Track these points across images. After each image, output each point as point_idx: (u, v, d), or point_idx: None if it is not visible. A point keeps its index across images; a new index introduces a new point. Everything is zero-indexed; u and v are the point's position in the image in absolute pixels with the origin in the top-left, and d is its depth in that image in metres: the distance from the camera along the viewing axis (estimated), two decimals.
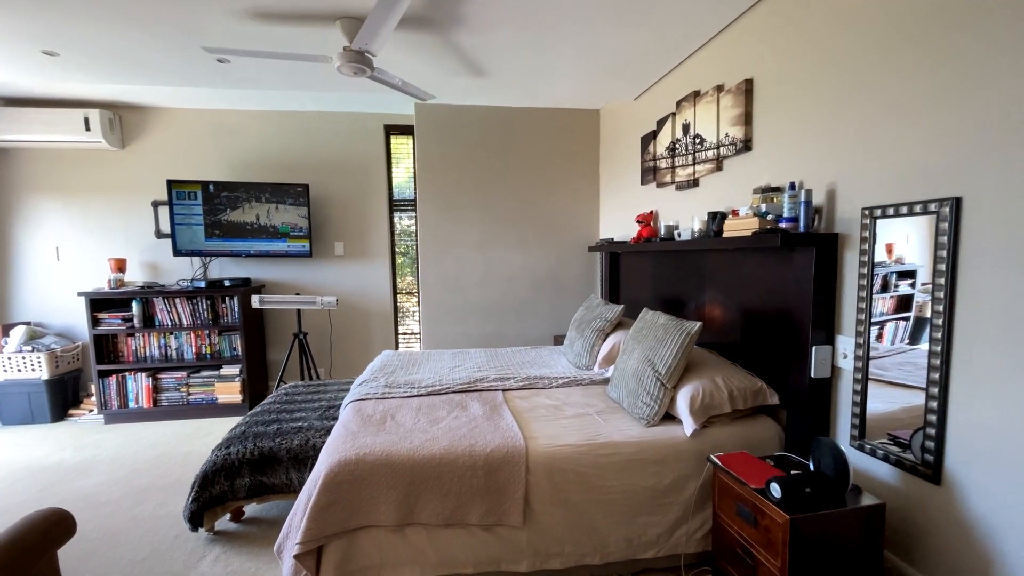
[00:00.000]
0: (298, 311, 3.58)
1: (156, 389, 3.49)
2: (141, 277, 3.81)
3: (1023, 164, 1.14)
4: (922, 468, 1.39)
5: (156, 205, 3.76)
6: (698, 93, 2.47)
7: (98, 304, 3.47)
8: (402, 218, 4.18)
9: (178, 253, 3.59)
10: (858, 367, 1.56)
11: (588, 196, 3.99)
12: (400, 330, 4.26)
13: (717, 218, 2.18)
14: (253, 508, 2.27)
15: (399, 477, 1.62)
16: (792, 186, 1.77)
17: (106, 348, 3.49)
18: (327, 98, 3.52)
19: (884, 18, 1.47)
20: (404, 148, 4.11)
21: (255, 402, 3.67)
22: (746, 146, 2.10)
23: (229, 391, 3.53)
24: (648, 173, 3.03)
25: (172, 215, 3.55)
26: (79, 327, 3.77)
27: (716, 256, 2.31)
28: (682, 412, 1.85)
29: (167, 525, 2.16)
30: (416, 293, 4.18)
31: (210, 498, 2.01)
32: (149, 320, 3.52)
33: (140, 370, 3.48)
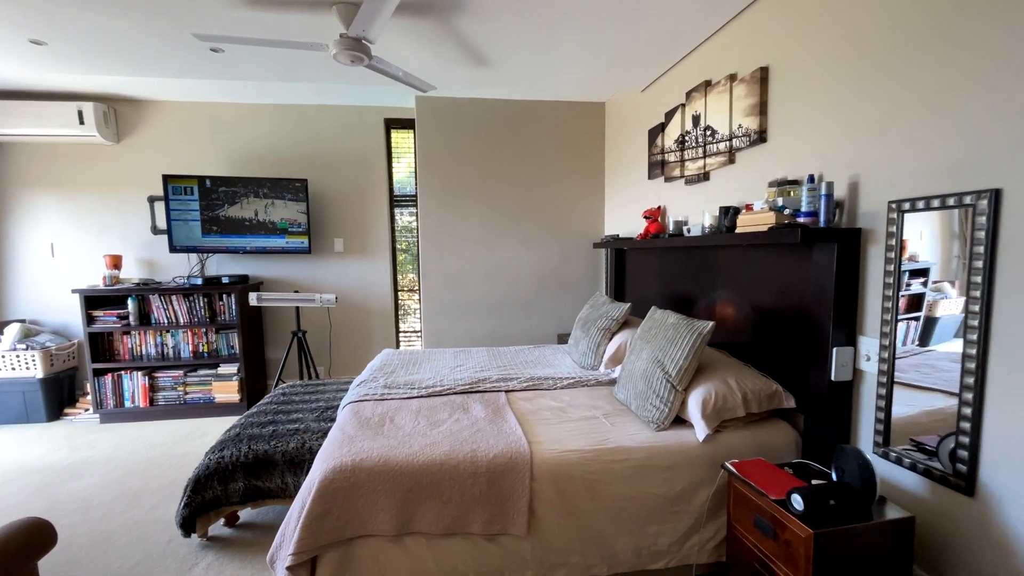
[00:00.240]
0: (297, 309, 3.51)
1: (152, 388, 3.43)
2: (137, 274, 3.74)
3: None
4: (953, 478, 1.30)
5: (152, 200, 3.69)
6: (709, 83, 2.37)
7: (93, 301, 3.40)
8: (403, 214, 4.10)
9: (174, 249, 3.52)
10: (883, 370, 1.48)
11: (593, 191, 3.89)
12: (401, 328, 4.19)
13: (729, 213, 2.09)
14: (248, 512, 2.20)
15: (397, 484, 1.55)
16: (811, 179, 1.68)
17: (101, 346, 3.43)
18: (325, 90, 3.44)
19: (912, 1, 1.38)
20: (405, 143, 4.02)
21: (253, 401, 3.60)
22: (761, 137, 2.00)
23: (227, 390, 3.46)
24: (656, 167, 2.94)
25: (168, 210, 3.47)
26: (74, 325, 3.70)
27: (728, 252, 2.22)
28: (693, 416, 1.77)
29: (160, 530, 2.10)
30: (418, 290, 4.11)
31: (203, 503, 1.94)
32: (145, 318, 3.45)
33: (136, 369, 3.41)
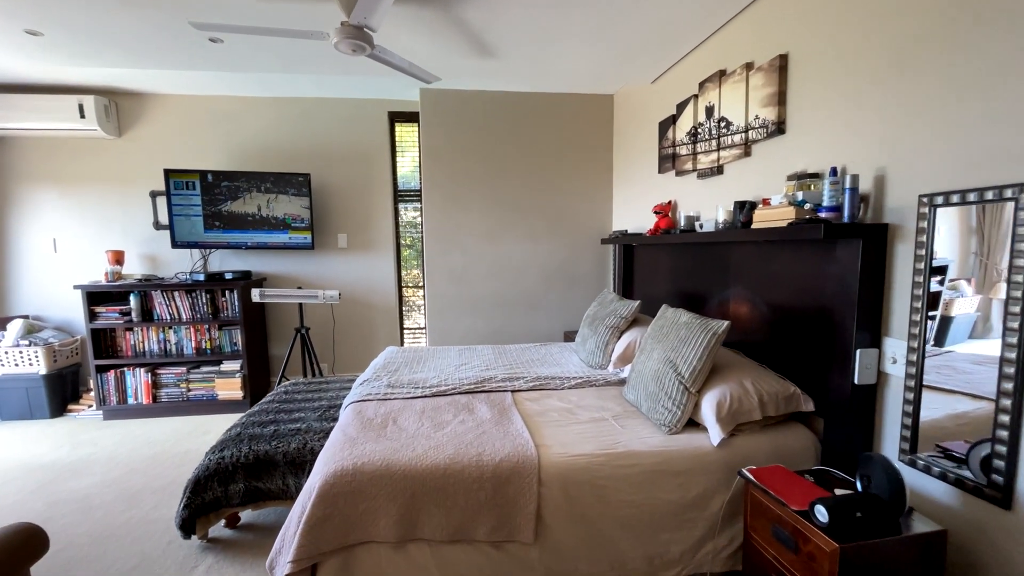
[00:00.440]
0: (300, 305, 3.46)
1: (155, 385, 3.40)
2: (139, 269, 3.71)
3: None
4: (988, 489, 1.23)
5: (154, 195, 3.65)
6: (724, 72, 2.28)
7: (95, 297, 3.38)
8: (407, 209, 4.04)
9: (177, 245, 3.48)
10: (911, 373, 1.40)
11: (601, 186, 3.81)
12: (406, 324, 4.14)
13: (745, 208, 2.01)
14: (249, 514, 2.16)
15: (400, 489, 1.50)
16: (833, 172, 1.59)
17: (104, 342, 3.40)
18: (328, 83, 3.37)
19: None
20: (409, 137, 3.95)
21: (256, 398, 3.57)
22: (779, 128, 1.92)
23: (230, 387, 3.43)
24: (666, 160, 2.85)
25: (170, 206, 3.43)
26: (77, 320, 3.68)
27: (742, 249, 2.14)
28: (708, 419, 1.70)
29: (160, 530, 2.06)
30: (422, 286, 4.05)
31: (202, 504, 1.90)
32: (147, 314, 3.42)
33: (139, 365, 3.38)
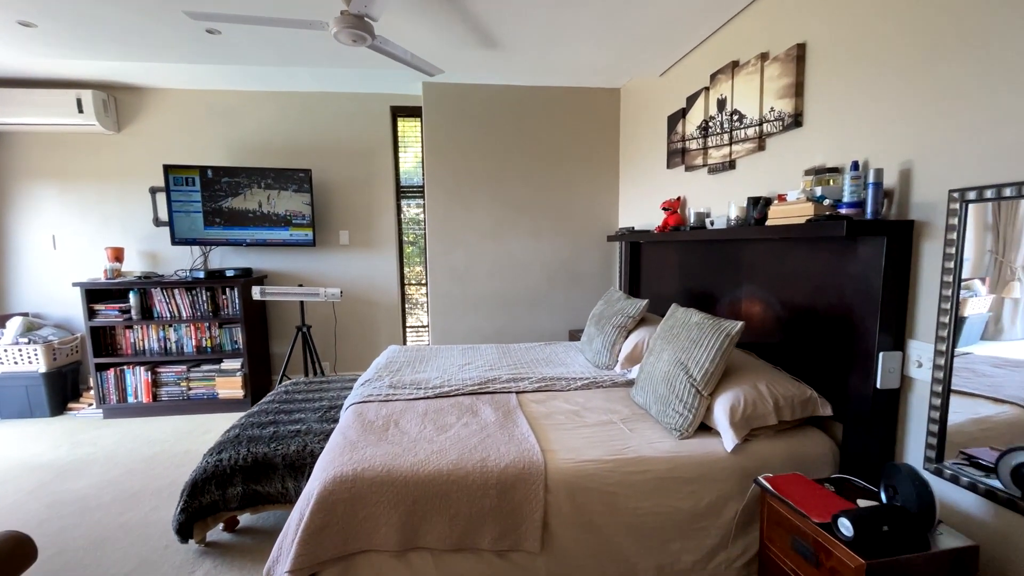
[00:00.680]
0: (301, 303, 3.41)
1: (155, 383, 3.36)
2: (139, 266, 3.67)
3: None
4: (1022, 502, 1.16)
5: (154, 192, 3.61)
6: (737, 64, 2.20)
7: (95, 295, 3.34)
8: (410, 205, 3.97)
9: (177, 242, 3.43)
10: (937, 377, 1.33)
11: (607, 182, 3.74)
12: (409, 322, 4.09)
13: (759, 204, 1.93)
14: (248, 517, 2.11)
15: (402, 496, 1.44)
16: (855, 166, 1.52)
17: (104, 340, 3.37)
18: (328, 77, 3.30)
19: None
20: (412, 132, 3.88)
21: (257, 397, 3.53)
22: (796, 121, 1.84)
23: (230, 386, 3.39)
24: (675, 155, 2.78)
25: (170, 202, 3.38)
26: (77, 318, 3.65)
27: (755, 247, 2.07)
28: (721, 424, 1.63)
29: (157, 533, 2.02)
30: (425, 283, 3.99)
31: (200, 508, 1.86)
32: (147, 312, 3.38)
33: (139, 363, 3.35)
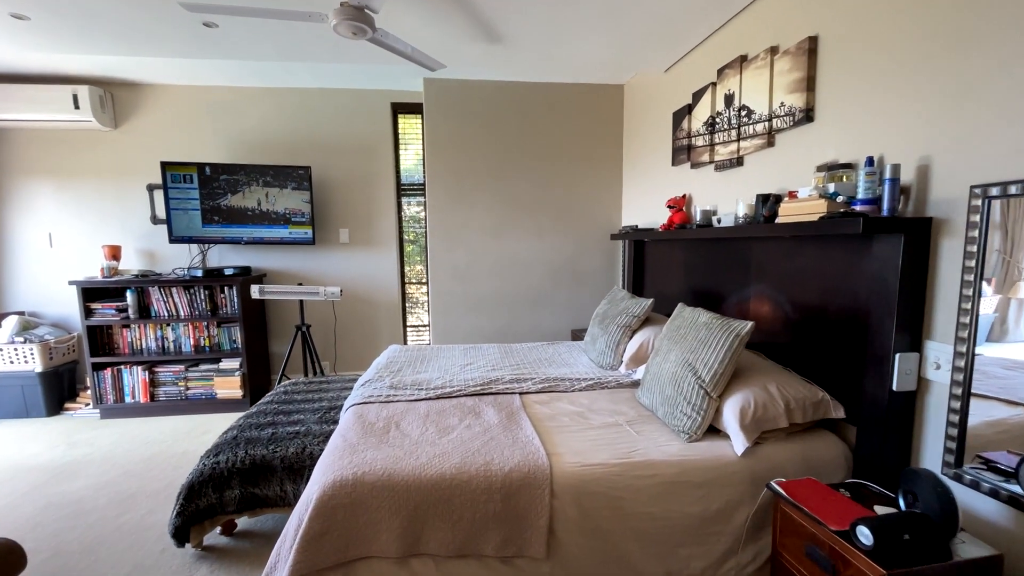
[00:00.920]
0: (300, 302, 3.37)
1: (153, 383, 3.32)
2: (137, 265, 3.62)
3: None
4: None
5: (152, 189, 3.56)
6: (745, 58, 2.16)
7: (92, 293, 3.29)
8: (411, 203, 3.93)
9: (174, 240, 3.39)
10: (957, 380, 1.29)
11: (610, 179, 3.69)
12: (409, 321, 4.04)
13: (769, 201, 1.89)
14: (246, 521, 2.07)
15: (403, 501, 1.40)
16: (869, 161, 1.48)
17: (100, 340, 3.33)
18: (328, 72, 3.26)
19: None
20: (413, 129, 3.84)
21: (256, 397, 3.48)
22: (807, 116, 1.80)
23: (229, 386, 3.35)
24: (681, 152, 2.73)
25: (167, 199, 3.34)
26: (74, 317, 3.60)
27: (764, 245, 2.03)
28: (730, 426, 1.59)
29: (154, 537, 1.98)
30: (426, 282, 3.95)
31: (196, 512, 1.82)
32: (145, 310, 3.33)
33: (136, 363, 3.30)
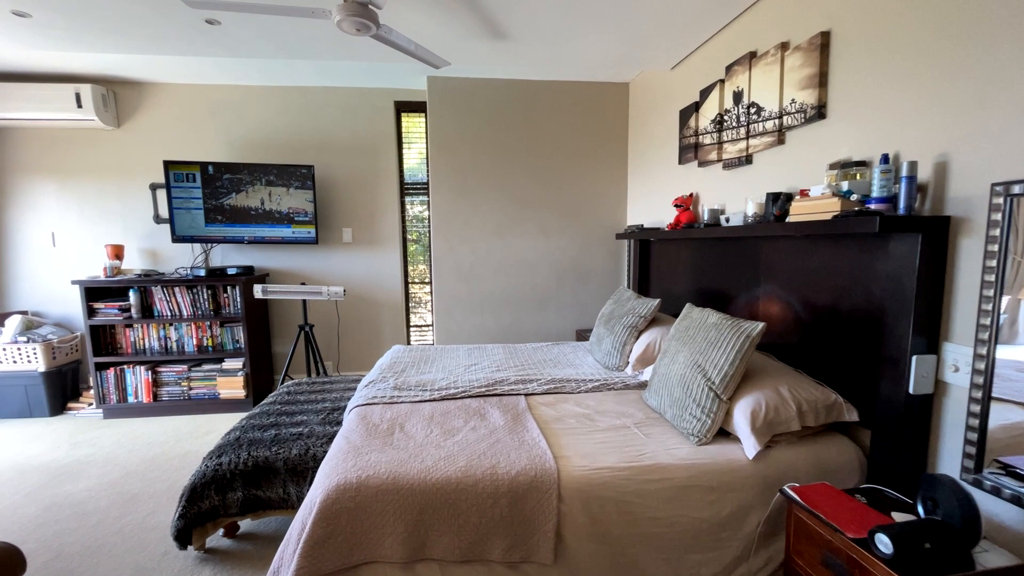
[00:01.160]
0: (303, 302, 3.35)
1: (156, 383, 3.31)
2: (140, 264, 3.61)
3: None
4: None
5: (155, 188, 3.55)
6: (755, 54, 2.12)
7: (94, 293, 3.28)
8: (414, 203, 3.91)
9: (177, 239, 3.38)
10: (977, 383, 1.25)
11: (615, 178, 3.66)
12: (412, 321, 4.02)
13: (779, 199, 1.86)
14: (249, 523, 2.05)
15: (408, 505, 1.37)
16: (884, 159, 1.44)
17: (103, 339, 3.31)
18: (331, 71, 3.24)
19: None
20: (416, 128, 3.81)
21: (259, 397, 3.47)
22: (819, 113, 1.76)
23: (231, 386, 3.33)
24: (688, 151, 2.70)
25: (170, 198, 3.32)
26: (77, 316, 3.60)
27: (775, 244, 1.99)
28: (741, 429, 1.56)
29: (156, 539, 1.96)
30: (429, 282, 3.93)
31: (199, 514, 1.80)
32: (147, 310, 3.32)
33: (139, 363, 3.29)
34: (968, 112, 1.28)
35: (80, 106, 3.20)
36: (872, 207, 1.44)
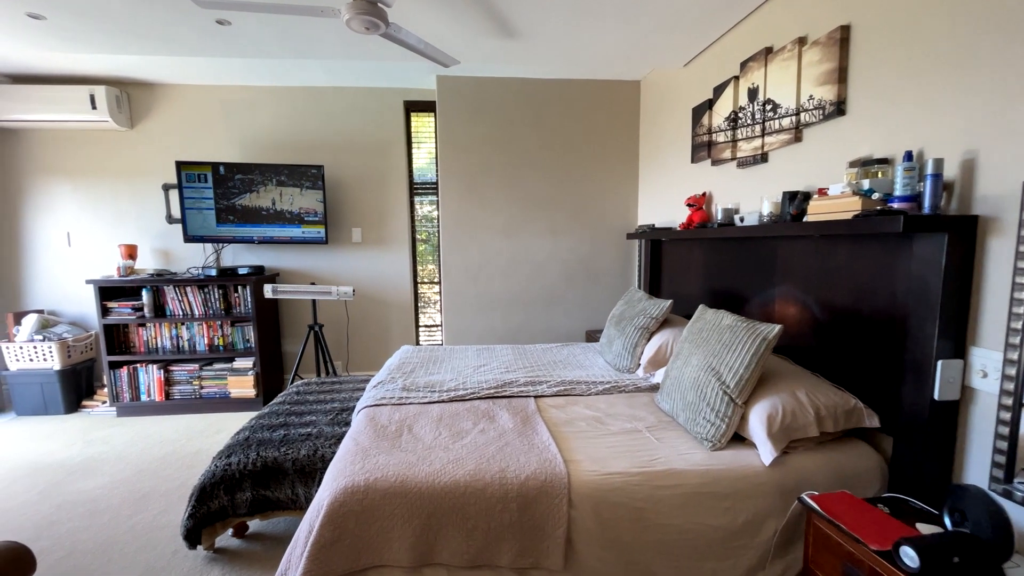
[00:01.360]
0: (313, 302, 3.35)
1: (168, 382, 3.34)
2: (153, 264, 3.65)
3: None
4: None
5: (167, 188, 3.58)
6: (771, 50, 2.07)
7: (108, 292, 3.32)
8: (423, 203, 3.90)
9: (189, 239, 3.40)
10: (1007, 389, 1.20)
11: (626, 177, 3.61)
12: (421, 321, 4.01)
13: (797, 199, 1.81)
14: (258, 523, 2.06)
15: (416, 508, 1.36)
16: (908, 156, 1.39)
17: (117, 338, 3.35)
18: (341, 71, 3.24)
19: None
20: (426, 128, 3.80)
21: (269, 397, 3.48)
22: (838, 109, 1.71)
23: (242, 385, 3.35)
24: (701, 149, 2.65)
25: (182, 199, 3.35)
26: (92, 315, 3.64)
27: (791, 244, 1.94)
28: (757, 435, 1.52)
29: (166, 538, 1.97)
30: (438, 282, 3.92)
31: (208, 514, 1.80)
32: (160, 309, 3.35)
33: (151, 362, 3.32)
34: (999, 107, 1.23)
35: (94, 107, 3.23)
36: (895, 206, 1.39)
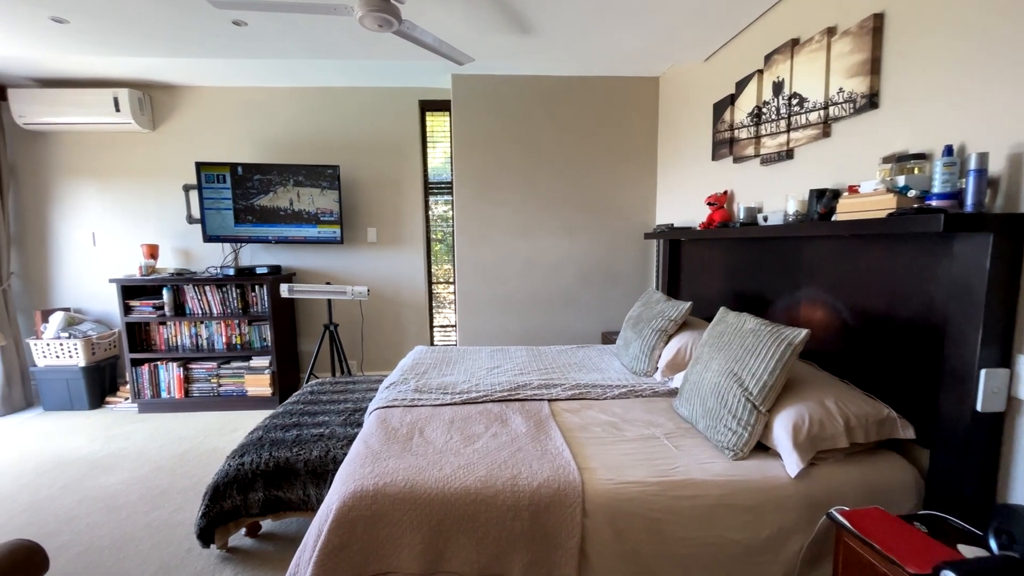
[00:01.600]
0: (328, 301, 3.37)
1: (187, 379, 3.39)
2: (173, 263, 3.71)
3: None
4: None
5: (187, 189, 3.64)
6: (797, 41, 1.99)
7: (130, 291, 3.39)
8: (438, 202, 3.88)
9: (208, 239, 3.45)
10: None
11: (643, 176, 3.54)
12: (436, 321, 4.00)
13: (825, 196, 1.72)
14: (270, 523, 2.06)
15: (425, 515, 1.33)
16: (948, 151, 1.31)
17: (139, 336, 3.42)
18: (356, 71, 3.24)
19: None
20: (441, 128, 3.79)
21: (285, 395, 3.51)
22: (870, 102, 1.62)
23: (259, 383, 3.38)
24: (722, 146, 2.56)
25: (202, 199, 3.40)
26: (115, 314, 3.72)
27: (818, 245, 1.85)
28: (782, 445, 1.45)
29: (181, 536, 1.98)
30: (453, 282, 3.89)
31: (221, 513, 1.80)
32: (180, 308, 3.41)
33: (172, 359, 3.38)
34: None
35: (118, 110, 3.30)
36: (933, 204, 1.31)
